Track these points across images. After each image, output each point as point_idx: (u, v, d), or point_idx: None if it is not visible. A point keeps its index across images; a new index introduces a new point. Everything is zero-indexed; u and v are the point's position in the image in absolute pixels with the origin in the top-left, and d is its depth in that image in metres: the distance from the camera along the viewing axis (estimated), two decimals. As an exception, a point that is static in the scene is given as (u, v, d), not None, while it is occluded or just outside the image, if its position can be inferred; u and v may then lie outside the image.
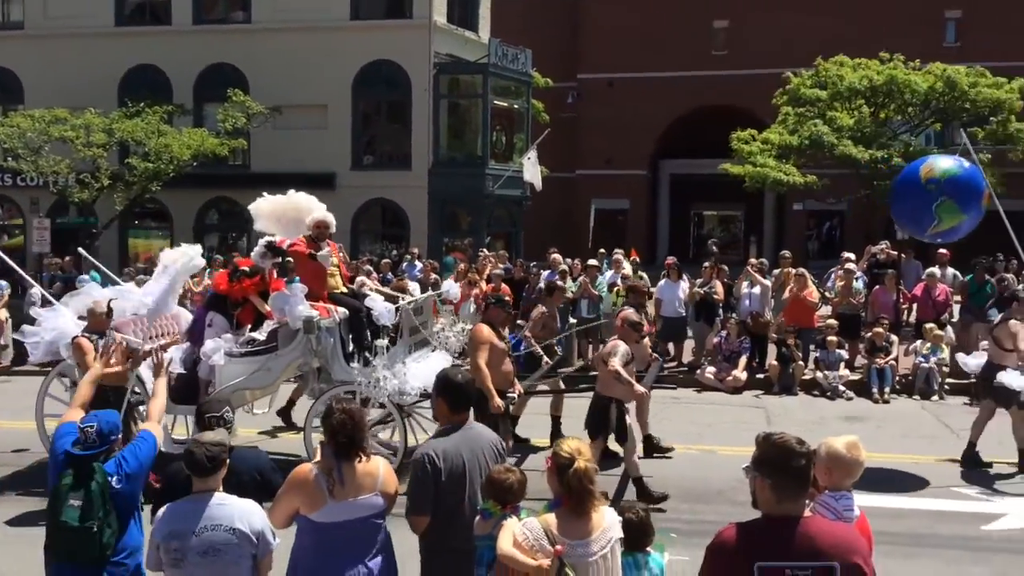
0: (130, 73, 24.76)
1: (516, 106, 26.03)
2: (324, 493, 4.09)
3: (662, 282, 14.72)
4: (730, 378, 13.34)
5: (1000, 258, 15.48)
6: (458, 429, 4.47)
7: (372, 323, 9.18)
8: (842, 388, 13.01)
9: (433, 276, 16.30)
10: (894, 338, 13.53)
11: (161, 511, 4.06)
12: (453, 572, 4.16)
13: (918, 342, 13.49)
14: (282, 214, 9.74)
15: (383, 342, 8.78)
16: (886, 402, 12.63)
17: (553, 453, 3.99)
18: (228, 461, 4.14)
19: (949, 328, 13.83)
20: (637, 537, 4.39)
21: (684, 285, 14.71)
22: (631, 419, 8.51)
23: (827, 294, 15.12)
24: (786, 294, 13.97)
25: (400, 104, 24.54)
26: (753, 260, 15.86)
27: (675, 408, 12.08)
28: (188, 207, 24.85)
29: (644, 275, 15.14)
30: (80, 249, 11.29)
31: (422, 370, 8.59)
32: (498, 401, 8.00)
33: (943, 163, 9.53)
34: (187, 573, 3.94)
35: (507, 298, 9.12)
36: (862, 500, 4.12)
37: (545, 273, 15.50)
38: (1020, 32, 30.66)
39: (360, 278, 10.62)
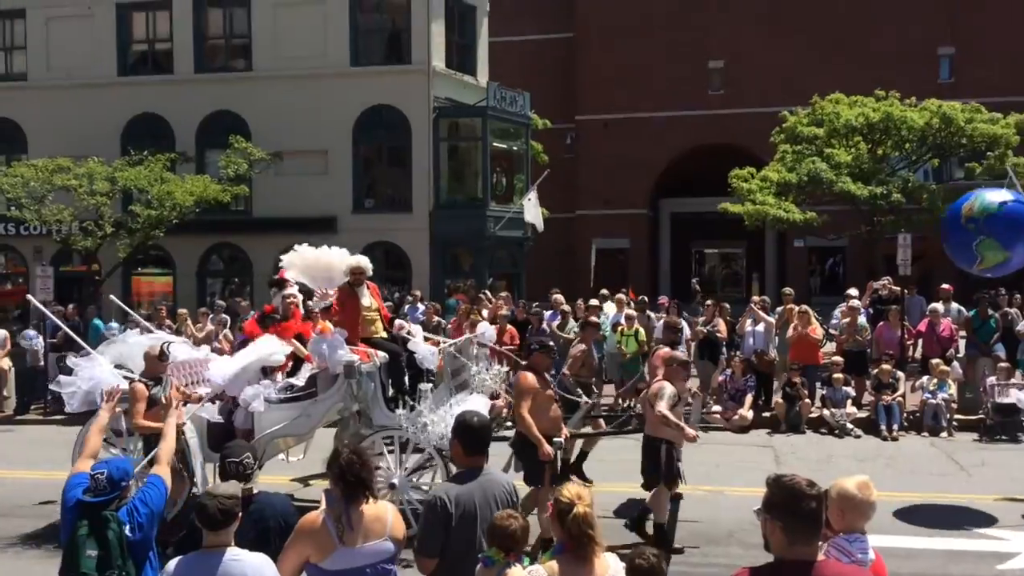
0: (133, 122, 24.99)
1: (515, 148, 26.22)
2: (334, 539, 4.06)
3: (660, 322, 14.70)
4: (736, 417, 13.27)
5: (1002, 292, 15.47)
6: (473, 473, 4.46)
7: (412, 366, 9.12)
8: (850, 426, 12.93)
9: (436, 319, 16.29)
10: (900, 374, 13.48)
11: (172, 565, 4.00)
12: None
13: (924, 378, 13.43)
14: (314, 267, 9.72)
15: (427, 386, 8.64)
16: (895, 439, 12.55)
17: (554, 499, 3.95)
18: (241, 515, 4.09)
19: (956, 363, 13.79)
20: None
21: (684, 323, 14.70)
22: (681, 463, 8.28)
23: (831, 331, 15.10)
24: (790, 332, 13.93)
25: (400, 148, 24.71)
26: (756, 297, 15.87)
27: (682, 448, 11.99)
28: (191, 253, 24.93)
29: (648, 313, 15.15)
30: (112, 296, 11.20)
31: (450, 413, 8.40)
32: (548, 448, 7.75)
33: (985, 199, 9.22)
34: (199, 630, 3.88)
35: (549, 344, 8.74)
36: (873, 541, 4.07)
37: (547, 314, 15.50)
38: (1013, 66, 30.98)
39: (399, 321, 10.57)
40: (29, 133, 25.35)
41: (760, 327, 14.04)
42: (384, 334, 9.34)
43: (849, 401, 13.32)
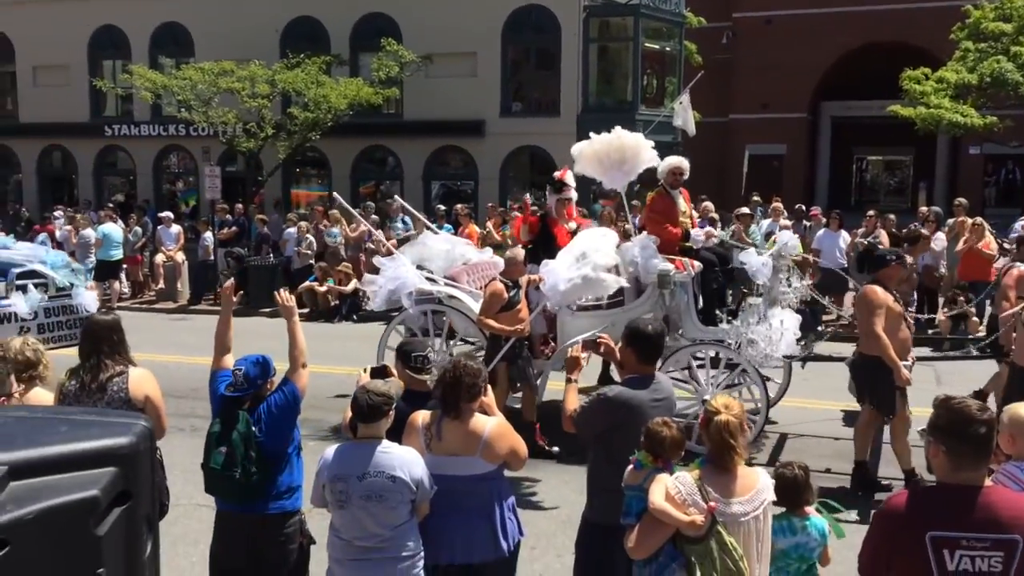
0: (290, 25, 25.61)
1: (668, 48, 25.25)
2: (422, 444, 4.17)
3: (821, 232, 14.08)
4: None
5: None
6: (645, 380, 4.48)
7: (728, 277, 8.86)
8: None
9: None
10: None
11: (329, 451, 4.21)
12: (614, 511, 4.11)
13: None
14: (605, 156, 9.29)
15: (757, 300, 8.14)
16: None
17: (704, 407, 3.89)
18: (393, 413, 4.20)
19: None
20: (791, 497, 4.22)
21: (845, 235, 14.03)
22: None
23: (1007, 246, 14.03)
24: (960, 244, 13.05)
25: (549, 50, 24.28)
26: (923, 208, 14.91)
27: (837, 365, 11.60)
28: (345, 155, 25.68)
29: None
30: (335, 194, 11.67)
31: (788, 332, 8.01)
32: (905, 374, 7.03)
33: None
34: (351, 515, 4.08)
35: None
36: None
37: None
38: None
39: (707, 228, 10.31)
40: (196, 37, 26.44)
41: (935, 244, 13.23)
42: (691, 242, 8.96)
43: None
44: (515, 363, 8.09)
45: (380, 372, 5.02)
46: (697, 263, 8.50)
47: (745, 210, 14.70)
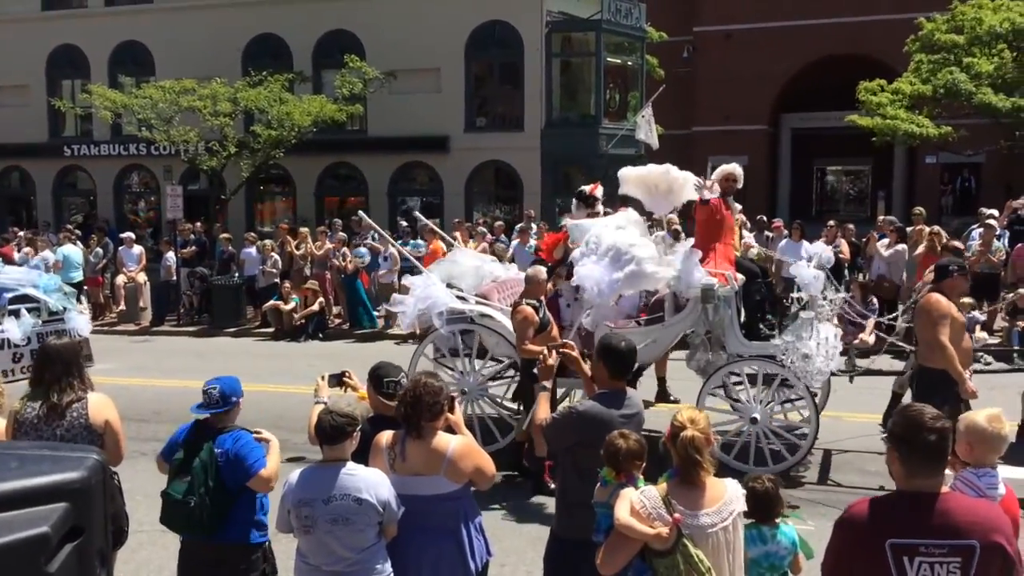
0: (252, 42, 25.50)
1: (630, 63, 25.50)
2: (386, 465, 4.14)
3: (783, 242, 14.27)
4: (857, 341, 12.81)
5: None
6: (615, 395, 4.49)
7: (771, 290, 8.59)
8: (979, 353, 12.31)
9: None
10: (1038, 300, 12.68)
11: (293, 475, 4.17)
12: (581, 526, 4.11)
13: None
14: (654, 185, 9.06)
15: (809, 314, 7.85)
16: (1029, 368, 11.86)
17: (671, 421, 3.92)
18: (358, 434, 4.16)
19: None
20: (762, 508, 4.26)
21: (807, 244, 14.22)
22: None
23: (965, 252, 14.30)
24: (918, 250, 13.29)
25: (512, 65, 24.41)
26: (882, 218, 15.17)
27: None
28: (309, 173, 25.57)
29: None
30: (360, 212, 11.46)
31: (837, 346, 7.84)
32: (971, 385, 6.85)
33: None
34: (317, 539, 4.04)
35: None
36: (1004, 474, 3.87)
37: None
38: None
39: (746, 240, 10.02)
40: (157, 55, 26.23)
41: (890, 253, 13.45)
42: (737, 253, 8.75)
43: (978, 327, 12.66)
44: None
45: (337, 379, 5.00)
46: (740, 275, 8.22)
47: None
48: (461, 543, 4.18)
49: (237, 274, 17.37)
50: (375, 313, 16.32)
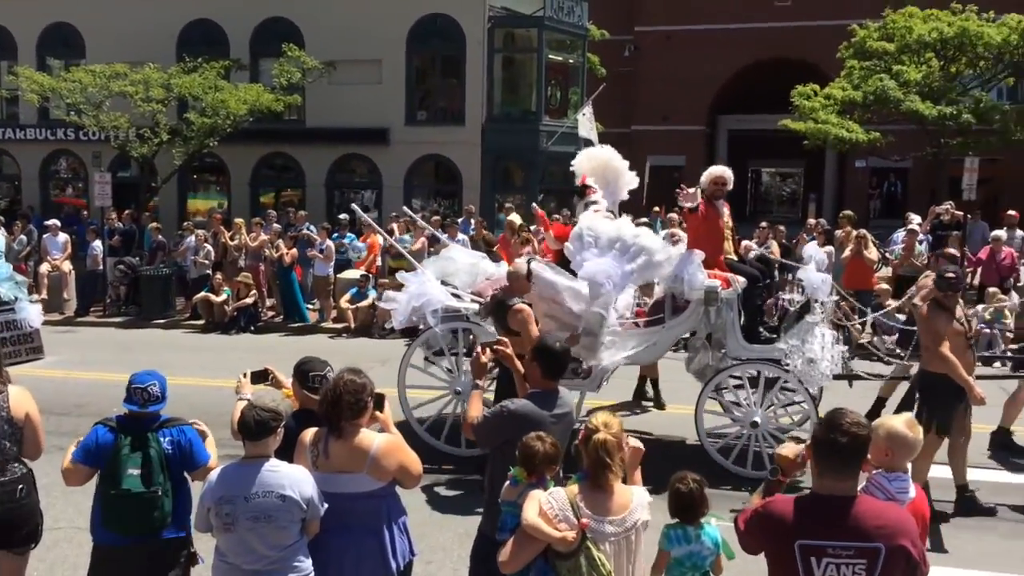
0: (188, 27, 24.91)
1: (571, 60, 25.62)
2: (309, 463, 4.10)
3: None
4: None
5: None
6: (547, 395, 4.52)
7: (768, 293, 8.48)
8: (899, 351, 12.68)
9: (485, 234, 16.27)
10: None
11: (214, 473, 4.11)
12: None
13: (979, 307, 13.08)
14: (599, 171, 9.04)
15: (816, 318, 7.82)
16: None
17: (585, 424, 3.96)
18: (281, 431, 4.11)
19: (1013, 293, 13.39)
20: (686, 509, 4.32)
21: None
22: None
23: (888, 255, 14.75)
24: (845, 254, 13.65)
25: (454, 59, 24.31)
26: (812, 220, 15.53)
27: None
28: (244, 162, 25.11)
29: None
30: (353, 206, 11.07)
31: (838, 350, 7.79)
32: (979, 392, 6.83)
33: None
34: (238, 537, 3.97)
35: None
36: (932, 473, 3.96)
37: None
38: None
39: (746, 243, 9.70)
40: (87, 38, 25.45)
41: (821, 254, 13.73)
42: (734, 255, 8.62)
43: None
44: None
45: (261, 376, 4.91)
46: (741, 279, 8.15)
47: (645, 221, 14.96)
48: (383, 542, 4.16)
49: (163, 265, 17.01)
50: (308, 307, 16.13)
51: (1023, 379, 8.68)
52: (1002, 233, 14.04)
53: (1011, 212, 14.63)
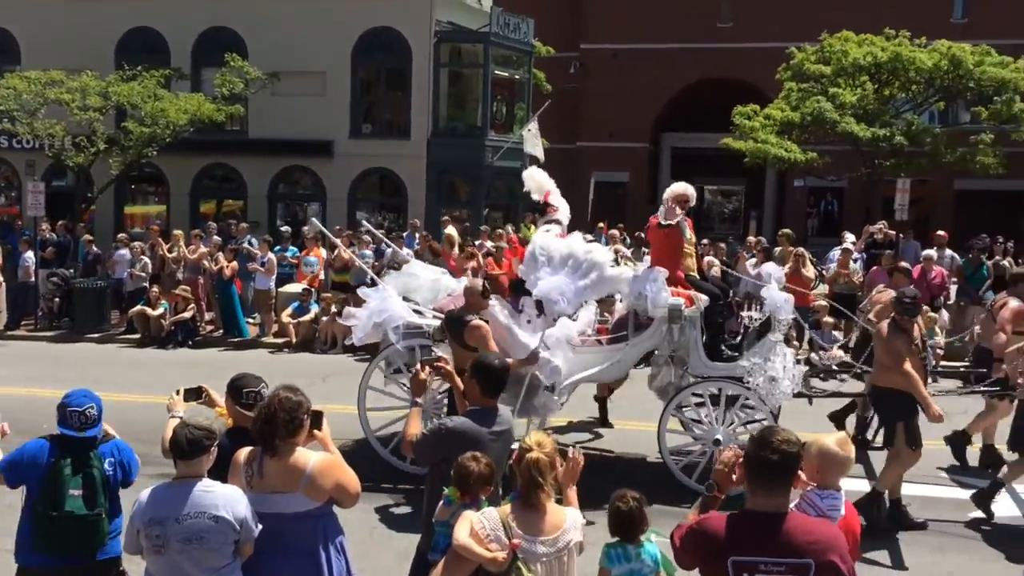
0: (127, 35, 24.47)
1: (517, 76, 25.78)
2: (243, 482, 4.02)
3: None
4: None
5: (999, 240, 15.43)
6: (488, 413, 4.52)
7: (728, 312, 8.48)
8: (836, 368, 12.96)
9: (432, 243, 16.21)
10: (889, 320, 13.46)
11: (144, 493, 4.00)
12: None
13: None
14: (543, 191, 9.13)
15: (778, 336, 7.85)
16: (879, 384, 12.56)
17: (520, 443, 3.96)
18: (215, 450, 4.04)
19: (944, 311, 13.80)
20: (626, 527, 4.33)
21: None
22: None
23: (825, 273, 15.08)
24: (783, 270, 13.91)
25: (400, 72, 24.28)
26: (752, 238, 15.81)
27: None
28: (185, 173, 24.68)
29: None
30: (313, 219, 10.74)
31: (798, 368, 7.83)
32: (937, 409, 6.97)
33: None
34: (168, 560, 3.88)
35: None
36: (852, 485, 4.05)
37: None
38: (1028, 9, 30.29)
39: (708, 258, 9.77)
40: (23, 44, 24.83)
41: (780, 271, 14.01)
42: (696, 272, 8.58)
43: (836, 345, 13.31)
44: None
45: (195, 393, 4.80)
46: (704, 296, 8.14)
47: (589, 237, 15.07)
48: (319, 564, 4.08)
49: (98, 278, 16.60)
50: (248, 321, 15.89)
51: (991, 395, 8.79)
52: (933, 252, 14.45)
53: (941, 232, 15.07)
